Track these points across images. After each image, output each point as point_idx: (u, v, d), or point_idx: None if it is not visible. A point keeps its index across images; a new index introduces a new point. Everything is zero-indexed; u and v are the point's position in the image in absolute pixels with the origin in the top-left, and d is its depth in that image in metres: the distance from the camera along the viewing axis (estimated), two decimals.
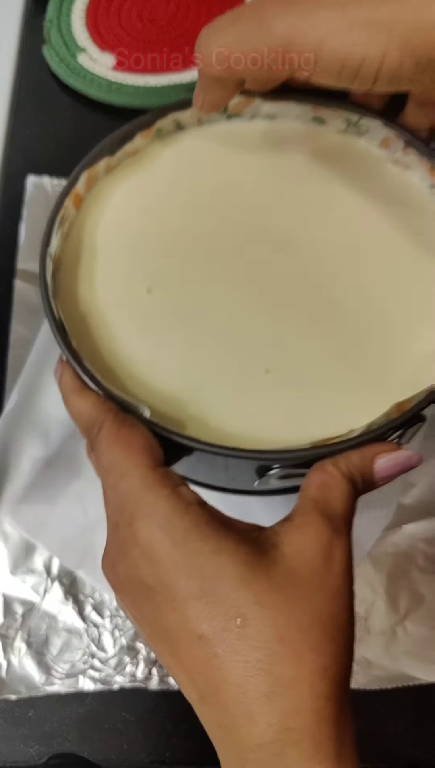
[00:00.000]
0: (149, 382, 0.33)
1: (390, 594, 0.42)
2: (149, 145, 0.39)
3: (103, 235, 0.37)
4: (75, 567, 0.43)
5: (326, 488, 0.28)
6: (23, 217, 0.52)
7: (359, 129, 0.38)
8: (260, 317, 0.34)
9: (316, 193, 0.38)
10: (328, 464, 0.29)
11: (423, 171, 0.37)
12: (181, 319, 0.35)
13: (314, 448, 0.30)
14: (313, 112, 0.39)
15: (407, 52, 0.29)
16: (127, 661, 0.41)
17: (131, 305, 0.35)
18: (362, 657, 0.41)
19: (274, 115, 0.39)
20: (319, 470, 0.29)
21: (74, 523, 0.43)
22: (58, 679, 0.41)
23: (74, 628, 0.42)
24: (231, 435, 0.32)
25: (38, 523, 0.43)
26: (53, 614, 0.42)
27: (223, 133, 0.39)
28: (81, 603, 0.42)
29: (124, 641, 0.41)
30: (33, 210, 0.52)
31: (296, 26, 0.31)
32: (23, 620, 0.42)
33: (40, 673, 0.41)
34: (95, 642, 0.41)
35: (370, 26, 0.29)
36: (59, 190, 0.47)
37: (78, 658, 0.41)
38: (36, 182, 0.53)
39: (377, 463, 0.29)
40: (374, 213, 0.37)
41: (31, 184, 0.53)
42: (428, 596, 0.43)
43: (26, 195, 0.53)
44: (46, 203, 0.52)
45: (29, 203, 0.52)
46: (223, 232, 0.37)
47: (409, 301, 0.35)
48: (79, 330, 0.34)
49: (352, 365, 0.33)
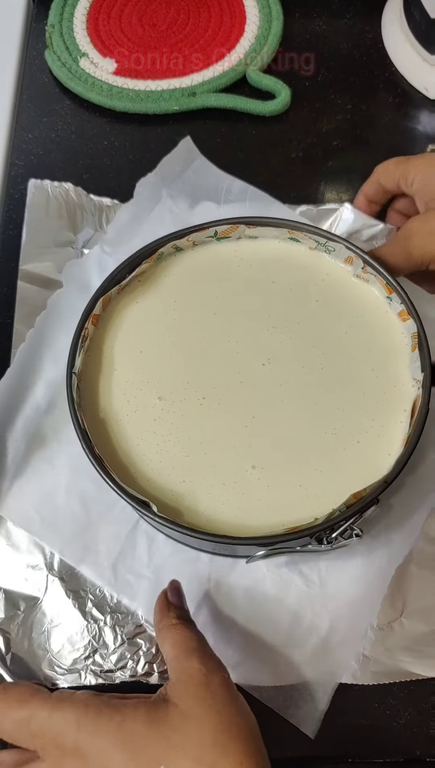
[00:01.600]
0: (155, 478, 0.40)
1: (388, 590, 0.43)
2: (152, 267, 0.46)
3: (118, 349, 0.44)
4: (77, 563, 0.43)
5: (176, 645, 0.35)
6: (25, 220, 0.53)
7: (327, 248, 0.46)
8: (250, 420, 0.41)
9: (296, 303, 0.45)
10: (167, 619, 0.37)
11: (380, 286, 0.44)
12: (184, 424, 0.41)
13: (287, 534, 0.37)
14: (289, 234, 0.46)
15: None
16: (128, 657, 0.41)
17: (144, 411, 0.42)
18: (360, 653, 0.41)
19: (256, 237, 0.47)
20: (165, 629, 0.36)
21: (76, 520, 0.44)
22: (60, 674, 0.41)
23: (75, 624, 0.42)
24: (221, 522, 0.39)
25: (37, 518, 0.44)
26: (55, 610, 0.42)
27: (215, 253, 0.47)
28: (82, 599, 0.43)
29: (124, 637, 0.42)
30: (34, 213, 0.53)
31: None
32: (25, 616, 0.42)
33: (42, 669, 0.41)
34: (96, 638, 0.42)
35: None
36: (59, 192, 0.49)
37: (79, 654, 0.42)
38: (37, 185, 0.54)
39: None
40: (343, 323, 0.44)
41: (32, 187, 0.54)
42: (425, 593, 0.43)
43: (28, 198, 0.53)
44: (47, 206, 0.53)
45: (30, 206, 0.53)
46: (218, 344, 0.44)
47: (367, 404, 0.42)
48: (98, 434, 0.41)
49: (320, 461, 0.40)
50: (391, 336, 0.44)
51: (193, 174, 0.52)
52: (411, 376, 0.42)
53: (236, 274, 0.46)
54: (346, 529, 0.38)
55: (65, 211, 0.53)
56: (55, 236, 0.52)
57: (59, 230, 0.52)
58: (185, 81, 0.61)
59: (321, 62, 0.64)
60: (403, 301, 0.43)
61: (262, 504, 0.39)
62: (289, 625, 0.41)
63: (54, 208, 0.53)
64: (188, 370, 0.43)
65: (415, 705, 0.42)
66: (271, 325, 0.44)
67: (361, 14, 0.67)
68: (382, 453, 0.40)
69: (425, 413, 0.40)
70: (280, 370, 0.43)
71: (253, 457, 0.40)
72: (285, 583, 0.42)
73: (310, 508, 0.39)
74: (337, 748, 0.41)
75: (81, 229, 0.53)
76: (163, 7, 0.65)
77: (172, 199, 0.51)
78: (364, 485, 0.38)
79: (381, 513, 0.42)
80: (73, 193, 0.54)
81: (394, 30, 0.63)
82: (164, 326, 0.44)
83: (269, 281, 0.46)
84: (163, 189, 0.51)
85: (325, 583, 0.42)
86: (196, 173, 0.52)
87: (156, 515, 0.37)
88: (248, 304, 0.45)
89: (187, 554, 0.43)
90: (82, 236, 0.53)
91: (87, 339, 0.43)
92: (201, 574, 0.43)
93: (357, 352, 0.43)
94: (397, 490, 0.44)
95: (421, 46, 0.60)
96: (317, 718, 0.40)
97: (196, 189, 0.51)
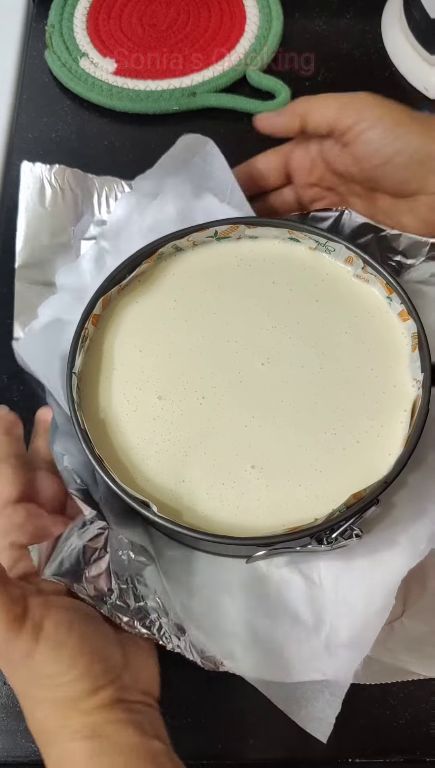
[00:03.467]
0: (155, 478, 0.40)
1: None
2: (152, 267, 0.46)
3: (118, 349, 0.44)
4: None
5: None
6: (19, 211, 0.52)
7: (327, 248, 0.45)
8: (249, 420, 0.41)
9: (296, 303, 0.45)
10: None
11: (380, 286, 0.44)
12: (184, 423, 0.41)
13: (287, 534, 0.37)
14: (289, 234, 0.46)
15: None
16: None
17: (144, 411, 0.42)
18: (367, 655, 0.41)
19: (256, 237, 0.47)
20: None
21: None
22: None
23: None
24: (220, 522, 0.39)
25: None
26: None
27: (215, 253, 0.47)
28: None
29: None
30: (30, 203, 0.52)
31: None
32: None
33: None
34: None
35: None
36: (53, 176, 0.52)
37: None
38: (30, 169, 0.53)
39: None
40: (343, 323, 0.44)
41: (26, 171, 0.53)
42: (425, 592, 0.43)
43: (21, 184, 0.52)
44: (41, 194, 0.52)
45: (25, 194, 0.52)
46: (218, 344, 0.44)
47: (367, 404, 0.42)
48: (99, 434, 0.41)
49: (319, 461, 0.40)
50: (391, 336, 0.44)
51: (200, 161, 0.50)
52: (411, 376, 0.42)
53: (236, 274, 0.46)
54: (347, 529, 0.38)
55: (61, 199, 0.52)
56: (53, 230, 0.51)
57: (56, 220, 0.51)
58: (185, 81, 0.61)
59: (321, 62, 0.64)
60: (403, 301, 0.43)
61: (261, 504, 0.39)
62: (289, 626, 0.41)
63: (49, 195, 0.52)
64: (188, 370, 0.43)
65: (415, 705, 0.42)
66: (271, 325, 0.44)
67: (361, 14, 0.67)
68: (382, 453, 0.40)
69: (425, 413, 0.40)
70: (279, 370, 0.43)
71: (252, 457, 0.40)
72: (285, 582, 0.42)
73: (310, 508, 0.39)
74: (337, 748, 0.41)
75: (80, 216, 0.52)
76: (163, 7, 0.65)
77: (175, 187, 0.49)
78: (364, 485, 0.38)
79: (382, 513, 0.42)
80: (70, 176, 0.53)
81: (394, 30, 0.63)
82: (164, 326, 0.44)
83: (269, 281, 0.46)
84: (165, 179, 0.50)
85: (325, 584, 0.42)
86: (204, 161, 0.50)
87: (156, 515, 0.37)
88: (248, 304, 0.45)
89: (187, 554, 0.43)
90: (81, 226, 0.52)
91: (87, 339, 0.43)
92: (201, 574, 0.42)
93: (357, 352, 0.43)
94: (398, 489, 0.44)
95: (421, 46, 0.60)
96: (328, 721, 0.40)
97: (202, 178, 0.50)
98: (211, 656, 0.39)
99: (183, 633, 0.39)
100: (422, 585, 0.43)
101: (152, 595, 0.39)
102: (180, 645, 0.38)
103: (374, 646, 0.41)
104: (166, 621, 0.38)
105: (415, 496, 0.43)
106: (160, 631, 0.38)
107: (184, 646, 0.38)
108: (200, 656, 0.39)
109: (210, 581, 0.42)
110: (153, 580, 0.40)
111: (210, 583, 0.42)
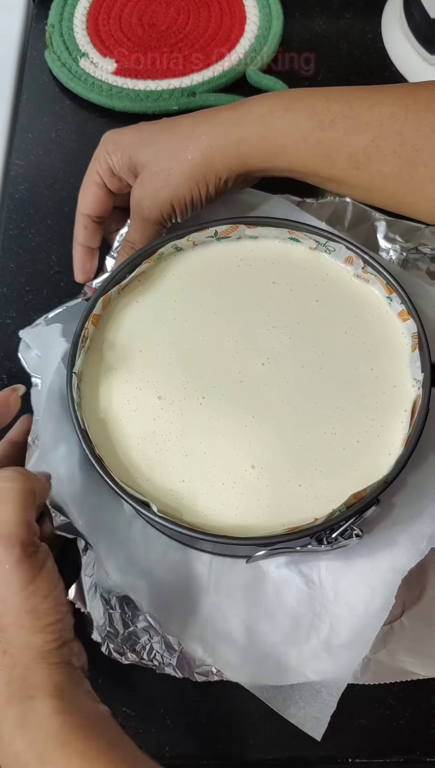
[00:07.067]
0: (155, 478, 0.40)
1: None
2: (152, 267, 0.46)
3: (118, 349, 0.44)
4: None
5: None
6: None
7: (327, 248, 0.45)
8: (249, 420, 0.41)
9: (296, 304, 0.45)
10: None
11: (380, 286, 0.44)
12: (184, 423, 0.41)
13: (287, 534, 0.37)
14: (289, 234, 0.46)
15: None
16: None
17: (144, 411, 0.42)
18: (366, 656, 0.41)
19: (256, 237, 0.46)
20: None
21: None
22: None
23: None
24: (220, 522, 0.39)
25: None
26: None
27: (215, 253, 0.46)
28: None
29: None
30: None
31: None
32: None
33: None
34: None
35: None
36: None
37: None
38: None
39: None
40: (343, 323, 0.44)
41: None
42: (425, 593, 0.43)
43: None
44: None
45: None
46: (218, 343, 0.43)
47: (367, 404, 0.42)
48: (99, 434, 0.41)
49: (319, 461, 0.40)
50: (391, 336, 0.44)
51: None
52: (411, 376, 0.42)
53: (236, 274, 0.46)
54: (347, 529, 0.38)
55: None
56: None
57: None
58: (185, 81, 0.61)
59: (321, 62, 0.64)
60: (403, 301, 0.43)
61: (261, 504, 0.39)
62: (289, 626, 0.41)
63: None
64: (188, 370, 0.43)
65: (415, 705, 0.42)
66: (271, 324, 0.44)
67: (361, 14, 0.67)
68: (382, 453, 0.40)
69: (425, 413, 0.40)
70: (279, 369, 0.43)
71: (252, 457, 0.40)
72: (285, 583, 0.42)
73: (310, 508, 0.39)
74: (337, 748, 0.41)
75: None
76: (163, 7, 0.65)
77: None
78: (364, 485, 0.38)
79: (382, 513, 0.42)
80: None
81: (394, 30, 0.63)
82: (164, 326, 0.44)
83: (269, 281, 0.46)
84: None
85: (325, 584, 0.42)
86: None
87: (156, 515, 0.37)
88: (248, 304, 0.45)
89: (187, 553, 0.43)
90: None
91: (87, 339, 0.43)
92: (201, 574, 0.42)
93: (357, 352, 0.43)
94: (398, 489, 0.43)
95: (421, 46, 0.60)
96: (323, 721, 0.40)
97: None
98: (205, 670, 0.40)
99: (174, 651, 0.39)
100: (422, 585, 0.43)
101: (142, 615, 0.40)
102: (171, 662, 0.39)
103: (374, 647, 0.41)
104: (158, 640, 0.39)
105: (415, 496, 0.43)
106: (150, 654, 0.39)
107: (175, 663, 0.39)
108: (194, 670, 0.40)
109: (211, 585, 0.42)
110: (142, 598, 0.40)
111: (211, 587, 0.42)
